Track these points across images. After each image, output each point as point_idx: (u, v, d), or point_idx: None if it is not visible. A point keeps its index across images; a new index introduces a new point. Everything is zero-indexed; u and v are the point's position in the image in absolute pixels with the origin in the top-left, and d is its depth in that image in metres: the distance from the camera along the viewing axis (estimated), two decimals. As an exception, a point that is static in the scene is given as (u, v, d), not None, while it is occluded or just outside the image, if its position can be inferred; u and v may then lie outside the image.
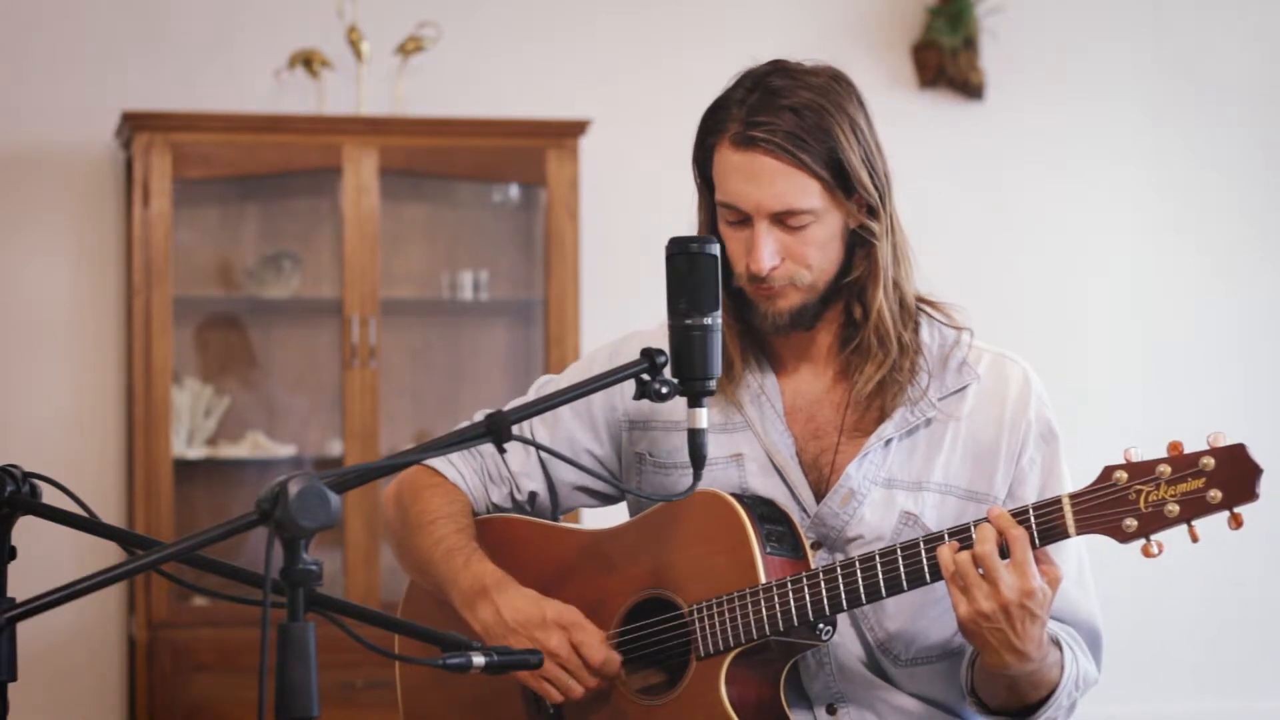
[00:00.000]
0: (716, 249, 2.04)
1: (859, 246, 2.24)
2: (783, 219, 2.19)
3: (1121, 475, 2.02)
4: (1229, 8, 5.95)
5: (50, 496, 1.91)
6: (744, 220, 2.21)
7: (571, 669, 2.23)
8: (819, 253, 2.22)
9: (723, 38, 5.63)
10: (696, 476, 2.05)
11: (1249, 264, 5.95)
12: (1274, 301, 5.97)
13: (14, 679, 1.81)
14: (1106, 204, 5.88)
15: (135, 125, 5.03)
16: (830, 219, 2.21)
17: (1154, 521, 2.00)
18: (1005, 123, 5.77)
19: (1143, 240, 5.90)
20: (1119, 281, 5.90)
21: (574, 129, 5.24)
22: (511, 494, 2.43)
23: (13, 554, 1.87)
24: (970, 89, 5.71)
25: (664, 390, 2.01)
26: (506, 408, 2.44)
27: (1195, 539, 2.01)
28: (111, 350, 5.33)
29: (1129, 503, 2.01)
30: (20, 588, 1.82)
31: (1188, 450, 2.00)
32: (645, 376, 2.02)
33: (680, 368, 2.03)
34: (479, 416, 2.45)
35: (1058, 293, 5.84)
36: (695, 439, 2.04)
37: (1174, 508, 1.99)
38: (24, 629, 1.84)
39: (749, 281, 2.23)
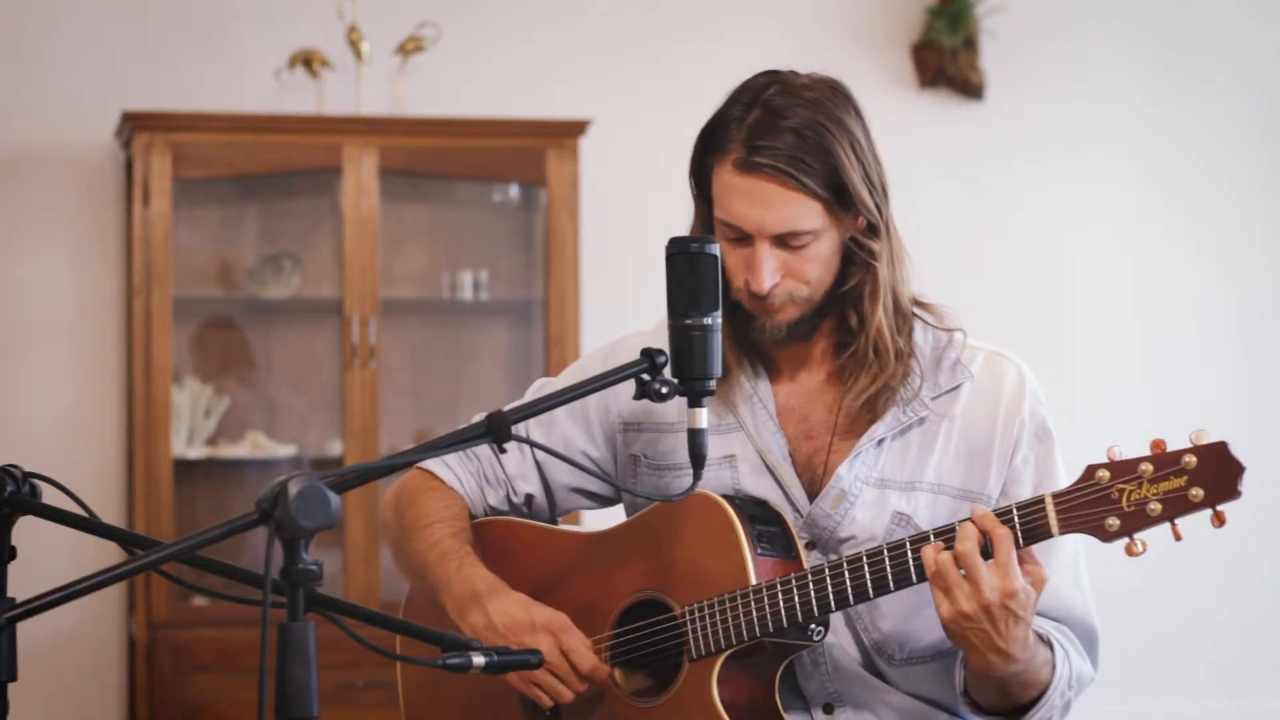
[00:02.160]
0: (716, 249, 2.05)
1: (854, 256, 2.24)
2: (784, 239, 2.19)
3: (1104, 474, 2.01)
4: (1229, 7, 5.94)
5: (50, 496, 1.90)
6: (743, 238, 2.21)
7: (561, 674, 2.23)
8: (818, 268, 2.22)
9: (723, 37, 5.63)
10: (696, 476, 2.06)
11: (1249, 264, 5.95)
12: (1274, 301, 5.97)
13: (14, 679, 1.81)
14: (1106, 203, 5.88)
15: (135, 125, 5.02)
16: (829, 236, 2.21)
17: (1136, 520, 1.99)
18: (1005, 123, 5.77)
19: (1143, 239, 5.90)
20: (1119, 281, 5.90)
21: (574, 129, 5.23)
22: (508, 497, 2.43)
23: (13, 554, 1.87)
24: (970, 89, 5.71)
25: (664, 390, 2.02)
26: (505, 409, 2.45)
27: (1178, 538, 1.99)
28: (111, 350, 5.32)
29: (1111, 501, 2.00)
30: (20, 588, 1.82)
31: (1170, 448, 1.99)
32: (645, 376, 2.03)
33: (680, 368, 2.03)
34: (478, 419, 2.46)
35: (1057, 292, 5.84)
36: (695, 439, 2.04)
37: (1156, 506, 1.98)
38: (24, 629, 1.84)
39: (748, 298, 2.23)
